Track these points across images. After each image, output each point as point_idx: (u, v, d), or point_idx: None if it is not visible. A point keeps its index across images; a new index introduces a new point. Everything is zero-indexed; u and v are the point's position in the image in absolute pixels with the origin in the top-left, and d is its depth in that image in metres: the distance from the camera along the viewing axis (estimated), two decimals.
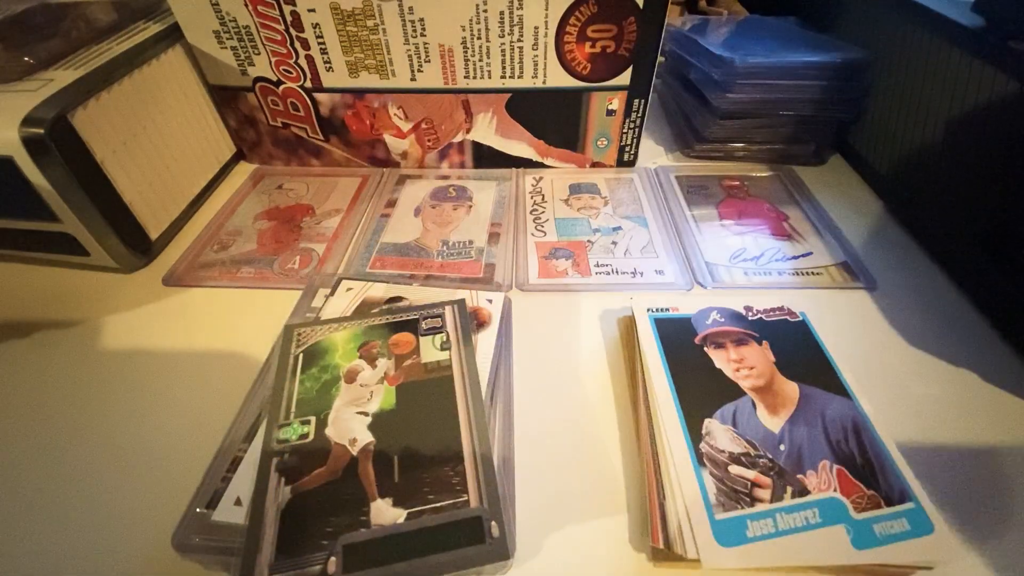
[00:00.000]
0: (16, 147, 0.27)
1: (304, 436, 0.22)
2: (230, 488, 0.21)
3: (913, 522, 0.20)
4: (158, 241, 0.35)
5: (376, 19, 0.34)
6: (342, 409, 0.23)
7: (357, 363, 0.25)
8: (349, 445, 0.22)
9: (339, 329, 0.27)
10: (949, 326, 0.29)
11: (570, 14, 0.34)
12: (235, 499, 0.21)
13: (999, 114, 0.29)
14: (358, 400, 0.23)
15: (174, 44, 0.36)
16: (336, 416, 0.23)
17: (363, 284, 0.30)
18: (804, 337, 0.26)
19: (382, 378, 0.24)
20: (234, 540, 0.19)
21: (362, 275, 0.32)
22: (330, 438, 0.22)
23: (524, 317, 0.30)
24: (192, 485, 0.22)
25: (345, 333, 0.26)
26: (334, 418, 0.23)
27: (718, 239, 0.35)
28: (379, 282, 0.30)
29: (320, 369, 0.25)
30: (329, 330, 0.27)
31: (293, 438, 0.22)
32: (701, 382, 0.24)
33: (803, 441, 0.22)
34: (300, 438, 0.22)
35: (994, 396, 0.26)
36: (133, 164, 0.33)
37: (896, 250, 0.34)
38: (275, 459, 0.21)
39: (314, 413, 0.23)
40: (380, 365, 0.25)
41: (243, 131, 0.41)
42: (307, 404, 0.23)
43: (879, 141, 0.39)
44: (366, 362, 0.25)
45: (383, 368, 0.25)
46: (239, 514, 0.20)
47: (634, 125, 0.40)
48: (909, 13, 0.35)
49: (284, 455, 0.21)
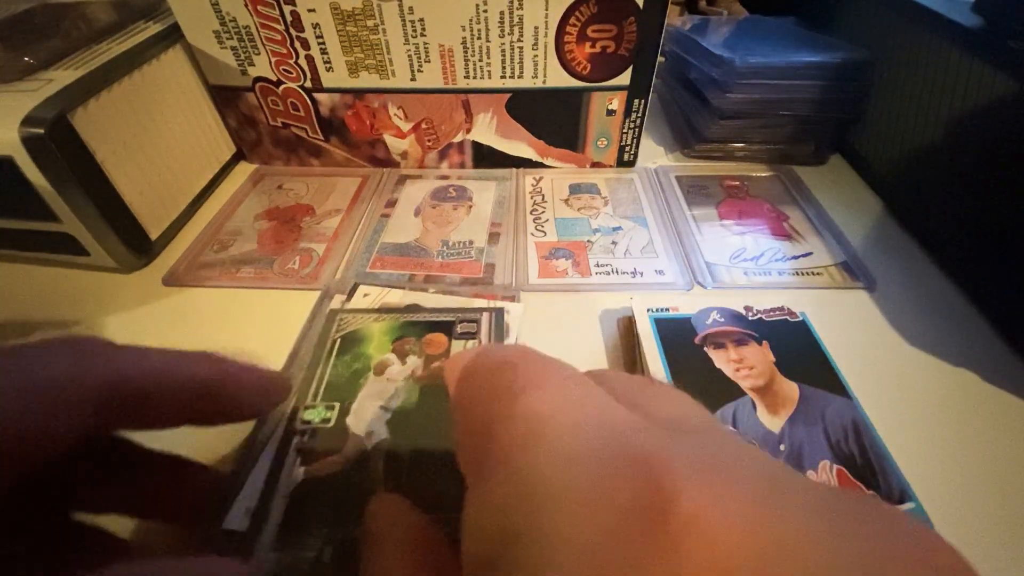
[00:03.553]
0: (16, 147, 0.27)
1: (326, 420, 0.22)
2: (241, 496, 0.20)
3: None
4: (158, 241, 0.35)
5: (376, 19, 0.34)
6: (366, 400, 0.23)
7: (388, 356, 0.25)
8: (365, 438, 0.22)
9: (379, 320, 0.27)
10: (949, 326, 0.29)
11: (570, 14, 0.34)
12: (244, 509, 0.20)
13: (999, 114, 0.29)
14: (383, 394, 0.23)
15: (174, 44, 0.36)
16: (359, 406, 0.23)
17: (380, 290, 0.30)
18: (804, 337, 0.26)
19: (409, 375, 0.24)
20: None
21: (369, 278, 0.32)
22: (349, 427, 0.22)
23: (524, 317, 0.30)
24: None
25: (383, 325, 0.27)
26: (357, 408, 0.23)
27: (718, 239, 0.35)
28: (396, 288, 0.30)
29: (353, 357, 0.25)
30: (370, 319, 0.27)
31: (316, 420, 0.22)
32: (701, 382, 0.24)
33: (803, 441, 0.22)
34: (322, 421, 0.22)
35: (994, 396, 0.26)
36: (133, 164, 0.33)
37: (896, 250, 0.34)
38: (296, 438, 0.21)
39: (339, 400, 0.23)
40: (410, 362, 0.25)
41: (243, 131, 0.41)
42: (335, 389, 0.23)
43: (879, 141, 0.39)
44: (397, 356, 0.25)
45: (412, 365, 0.25)
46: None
47: (634, 125, 0.40)
48: (909, 13, 0.35)
49: (305, 435, 0.21)
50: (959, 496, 0.22)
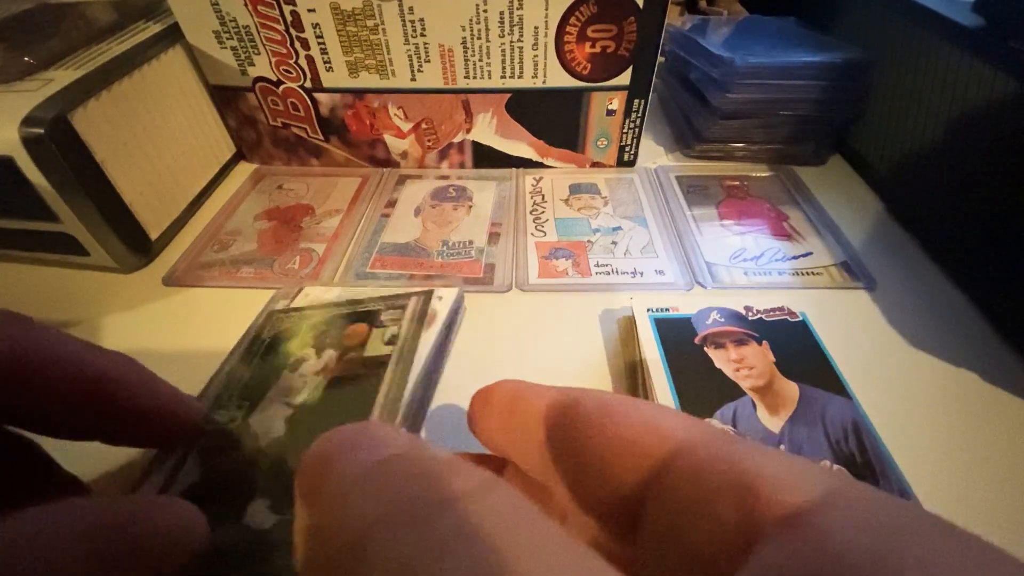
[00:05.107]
0: (16, 147, 0.27)
1: (232, 419, 0.21)
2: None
3: None
4: (158, 241, 0.35)
5: (376, 19, 0.34)
6: (273, 399, 0.22)
7: (305, 352, 0.24)
8: (261, 437, 0.21)
9: (310, 318, 0.26)
10: (949, 326, 0.29)
11: (570, 14, 0.34)
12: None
13: (999, 114, 0.29)
14: (290, 392, 0.22)
15: (174, 44, 0.36)
16: (265, 404, 0.22)
17: (324, 289, 0.29)
18: (804, 337, 0.26)
19: (320, 370, 0.23)
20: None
21: (369, 278, 0.32)
22: (251, 426, 0.21)
23: (525, 317, 0.30)
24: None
25: (312, 322, 0.26)
26: (263, 406, 0.22)
27: (718, 239, 0.35)
28: (337, 286, 0.30)
29: (276, 356, 0.24)
30: (302, 318, 0.26)
31: (223, 420, 0.21)
32: (701, 382, 0.24)
33: (803, 441, 0.22)
34: (229, 421, 0.21)
35: (994, 396, 0.26)
36: (133, 164, 0.33)
37: (896, 250, 0.34)
38: (202, 439, 0.21)
39: (252, 399, 0.22)
40: (324, 356, 0.24)
41: (243, 131, 0.41)
42: (251, 390, 0.23)
43: (879, 141, 0.39)
44: (315, 352, 0.24)
45: (325, 359, 0.24)
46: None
47: (634, 125, 0.40)
48: (909, 13, 0.35)
49: (212, 435, 0.21)
50: (959, 496, 0.22)
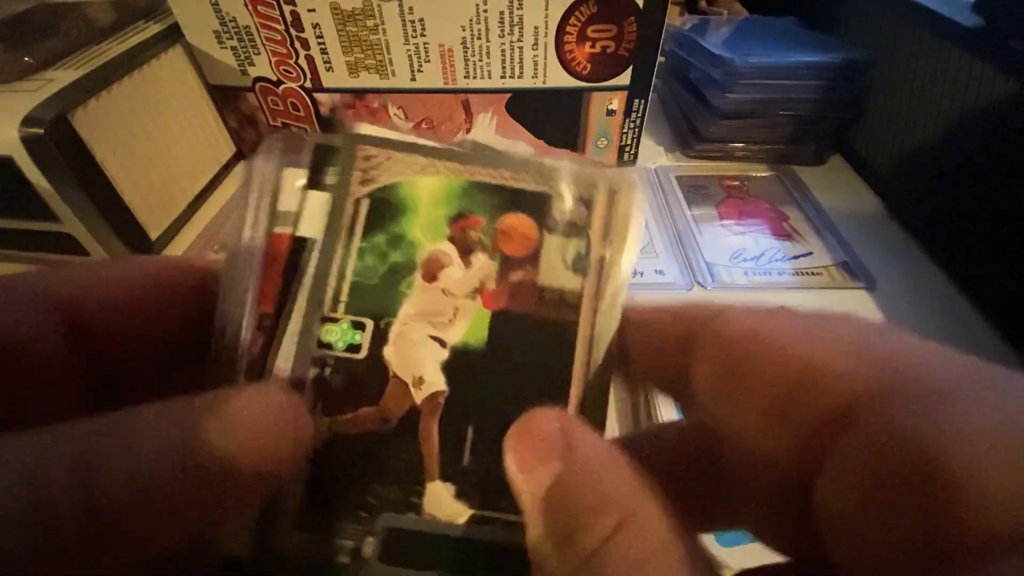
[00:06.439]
0: (16, 147, 0.27)
1: (354, 349, 0.14)
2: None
3: None
4: (158, 241, 0.35)
5: (376, 19, 0.34)
6: (412, 323, 0.14)
7: (444, 248, 0.15)
8: (413, 386, 0.14)
9: (427, 169, 0.15)
10: (949, 326, 0.29)
11: (570, 14, 0.34)
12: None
13: (999, 114, 0.29)
14: (436, 316, 0.15)
15: (174, 44, 0.36)
16: (401, 332, 0.14)
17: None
18: None
19: (476, 289, 0.15)
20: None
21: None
22: (388, 365, 0.14)
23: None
24: None
25: (434, 182, 0.15)
26: (398, 334, 0.14)
27: (718, 239, 0.35)
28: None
29: (390, 240, 0.15)
30: (413, 164, 0.16)
31: (340, 346, 0.14)
32: None
33: None
34: (348, 349, 0.14)
35: None
36: (133, 164, 0.33)
37: (896, 250, 0.34)
38: (313, 371, 0.14)
39: (372, 315, 0.14)
40: (476, 264, 0.15)
41: (243, 131, 0.41)
42: (364, 295, 0.14)
43: (879, 141, 0.39)
44: (458, 250, 0.15)
45: (480, 271, 0.15)
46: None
47: (634, 125, 0.40)
48: (909, 13, 0.35)
49: (326, 368, 0.14)
50: None
